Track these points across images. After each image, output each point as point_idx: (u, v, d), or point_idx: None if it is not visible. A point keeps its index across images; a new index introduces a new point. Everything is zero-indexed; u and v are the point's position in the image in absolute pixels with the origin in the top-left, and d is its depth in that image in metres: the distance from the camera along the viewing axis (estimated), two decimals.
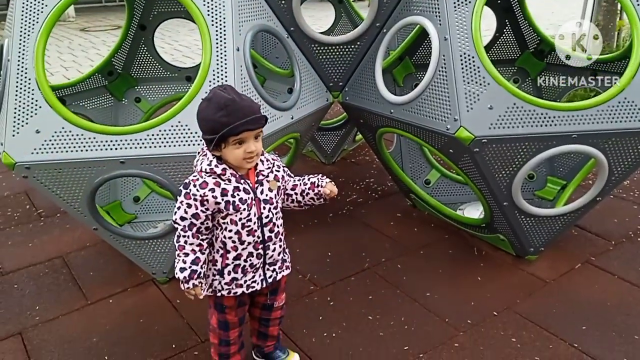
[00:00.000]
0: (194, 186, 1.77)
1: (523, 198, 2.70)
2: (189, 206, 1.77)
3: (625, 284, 2.80)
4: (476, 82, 2.44)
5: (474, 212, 3.41)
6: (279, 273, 2.03)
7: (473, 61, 2.45)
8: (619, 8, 6.38)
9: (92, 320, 2.63)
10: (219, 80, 2.36)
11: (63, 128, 2.34)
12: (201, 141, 2.23)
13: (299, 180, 1.99)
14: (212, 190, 1.77)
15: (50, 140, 2.34)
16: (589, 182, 3.51)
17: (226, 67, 2.37)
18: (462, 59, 2.45)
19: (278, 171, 1.93)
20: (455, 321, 2.55)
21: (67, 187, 2.46)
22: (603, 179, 2.70)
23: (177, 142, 2.33)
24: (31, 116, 2.35)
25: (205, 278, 1.92)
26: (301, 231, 3.39)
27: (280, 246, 1.98)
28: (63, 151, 2.34)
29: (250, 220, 1.84)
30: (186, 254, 1.81)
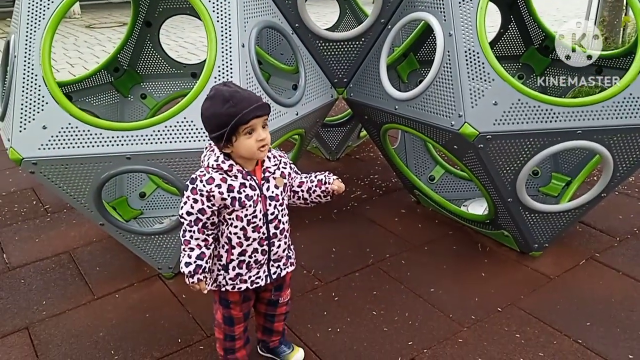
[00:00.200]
0: (201, 181, 1.78)
1: (527, 194, 2.70)
2: (195, 201, 1.78)
3: (629, 280, 2.80)
4: (481, 78, 2.44)
5: (478, 209, 3.41)
6: (284, 269, 2.03)
7: (478, 57, 2.44)
8: (625, 4, 6.35)
9: (99, 314, 2.65)
10: (224, 76, 2.37)
11: (70, 124, 2.36)
12: (207, 138, 2.24)
13: (306, 177, 2.00)
14: (219, 186, 1.78)
15: (57, 136, 2.36)
16: (594, 179, 3.51)
17: (231, 64, 2.38)
18: (467, 55, 2.45)
19: (285, 168, 1.94)
20: (459, 317, 2.56)
21: (74, 183, 2.47)
22: (608, 175, 2.69)
23: (183, 138, 2.34)
24: (38, 112, 2.37)
25: (210, 273, 1.93)
26: (306, 227, 3.40)
27: (285, 243, 1.99)
28: (70, 147, 2.36)
29: (255, 216, 1.85)
30: (191, 249, 1.83)
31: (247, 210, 1.83)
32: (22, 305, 2.74)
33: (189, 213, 1.80)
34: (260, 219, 1.86)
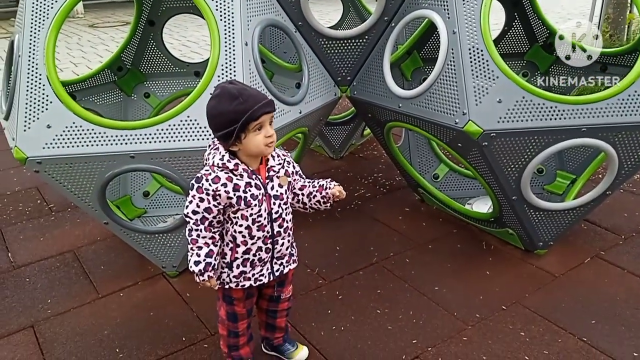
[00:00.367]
0: (206, 180, 1.78)
1: (532, 192, 2.70)
2: (202, 200, 1.78)
3: (635, 278, 2.79)
4: (485, 76, 2.43)
5: (483, 207, 3.41)
6: (286, 267, 2.04)
7: (482, 55, 2.44)
8: (629, 1, 6.32)
9: (103, 313, 2.65)
10: (228, 75, 2.37)
11: (74, 123, 2.36)
12: (211, 136, 2.24)
13: (309, 182, 2.00)
14: (225, 185, 1.78)
15: (61, 135, 2.36)
16: (599, 177, 3.49)
17: (235, 62, 2.38)
18: (471, 53, 2.45)
19: (288, 167, 1.94)
20: (463, 315, 2.56)
21: (78, 182, 2.48)
22: (613, 173, 2.68)
23: (187, 137, 2.34)
24: (42, 111, 2.37)
25: (215, 270, 1.93)
26: (310, 226, 3.40)
27: (288, 241, 1.99)
28: (74, 146, 2.36)
29: (260, 215, 1.85)
30: (200, 247, 1.83)
31: (253, 209, 1.83)
32: (27, 303, 2.75)
33: (195, 212, 1.80)
34: (264, 218, 1.86)
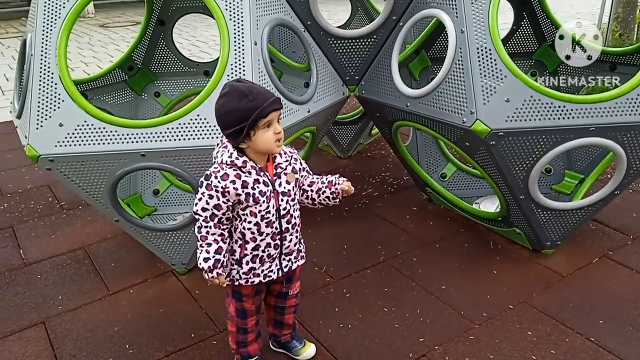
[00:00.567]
0: (215, 178, 1.80)
1: (540, 192, 2.69)
2: (211, 197, 1.80)
3: None
4: (493, 75, 2.43)
5: (490, 206, 3.41)
6: (295, 263, 2.06)
7: (490, 54, 2.44)
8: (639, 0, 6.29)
9: (114, 309, 2.69)
10: (237, 74, 2.39)
11: (85, 121, 2.39)
12: (220, 134, 2.26)
13: (317, 178, 2.02)
14: (233, 182, 1.80)
15: (73, 133, 2.39)
16: (608, 177, 3.48)
17: (244, 61, 2.40)
18: (479, 52, 2.45)
19: (295, 163, 1.96)
20: (470, 314, 2.56)
21: (90, 179, 2.51)
22: (621, 173, 2.68)
23: (196, 135, 2.36)
24: (54, 110, 2.41)
25: (224, 267, 1.95)
26: (317, 224, 3.42)
27: (296, 237, 2.01)
28: (85, 144, 2.39)
29: (269, 212, 1.87)
30: (209, 244, 1.85)
31: (261, 206, 1.85)
32: (39, 300, 2.79)
33: (205, 209, 1.82)
34: (273, 214, 1.88)
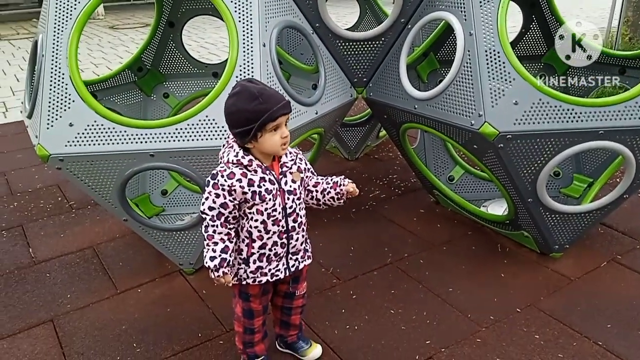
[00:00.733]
0: (222, 176, 1.81)
1: (549, 195, 2.68)
2: (217, 196, 1.82)
3: None
4: (501, 78, 2.43)
5: (498, 209, 3.40)
6: (301, 262, 2.07)
7: (498, 56, 2.44)
8: None
9: (122, 308, 2.70)
10: (246, 75, 2.40)
11: (95, 121, 2.42)
12: (228, 135, 2.27)
13: (322, 179, 2.03)
14: (240, 180, 1.81)
15: (83, 133, 2.41)
16: (617, 180, 3.45)
17: (252, 63, 2.42)
18: (488, 55, 2.45)
19: (300, 163, 1.97)
20: (477, 317, 2.55)
21: (99, 179, 2.53)
22: (630, 176, 2.66)
23: (205, 136, 2.38)
24: (65, 110, 2.43)
25: (231, 267, 1.96)
26: (324, 226, 3.42)
27: (302, 236, 2.02)
28: (95, 144, 2.41)
29: (275, 210, 1.88)
30: (215, 243, 1.86)
31: (267, 204, 1.86)
32: (47, 298, 2.81)
33: (211, 208, 1.83)
34: (279, 213, 1.89)
